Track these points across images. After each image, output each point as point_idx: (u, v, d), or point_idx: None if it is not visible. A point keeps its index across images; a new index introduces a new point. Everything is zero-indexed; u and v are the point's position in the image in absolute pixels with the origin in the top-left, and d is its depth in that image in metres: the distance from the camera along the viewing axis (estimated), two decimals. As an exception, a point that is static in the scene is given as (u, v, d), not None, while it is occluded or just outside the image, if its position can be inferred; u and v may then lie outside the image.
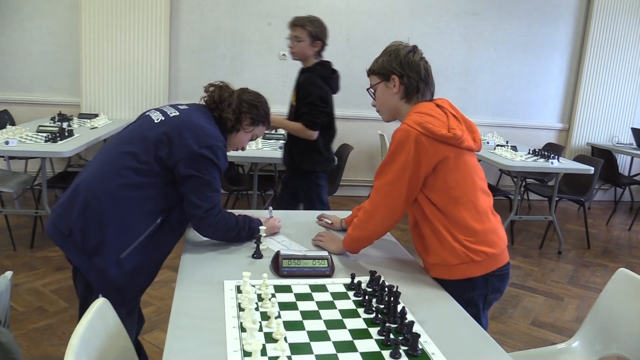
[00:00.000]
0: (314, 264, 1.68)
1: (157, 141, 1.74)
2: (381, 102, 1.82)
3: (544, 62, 6.29)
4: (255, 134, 2.04)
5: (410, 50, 1.76)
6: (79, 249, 1.69)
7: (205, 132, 1.76)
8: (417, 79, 1.74)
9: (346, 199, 5.91)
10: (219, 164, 1.77)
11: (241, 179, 4.65)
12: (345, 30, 5.75)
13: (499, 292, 1.74)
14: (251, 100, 1.97)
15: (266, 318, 1.36)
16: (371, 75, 1.83)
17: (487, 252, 1.65)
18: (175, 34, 5.43)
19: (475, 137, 1.75)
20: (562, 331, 3.21)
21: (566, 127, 6.55)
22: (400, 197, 1.67)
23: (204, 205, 1.75)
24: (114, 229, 1.69)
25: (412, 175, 1.64)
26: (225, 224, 1.81)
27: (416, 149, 1.62)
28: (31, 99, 5.30)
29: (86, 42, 5.15)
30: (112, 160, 1.77)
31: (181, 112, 1.83)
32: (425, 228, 1.72)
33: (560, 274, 4.16)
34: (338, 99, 3.45)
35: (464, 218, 1.65)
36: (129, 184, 1.71)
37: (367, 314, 1.44)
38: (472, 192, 1.68)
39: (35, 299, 3.12)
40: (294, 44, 3.18)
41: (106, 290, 1.70)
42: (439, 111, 1.71)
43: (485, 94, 6.23)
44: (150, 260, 1.79)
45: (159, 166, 1.73)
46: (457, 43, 6.02)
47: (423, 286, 1.67)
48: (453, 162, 1.65)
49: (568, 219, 5.76)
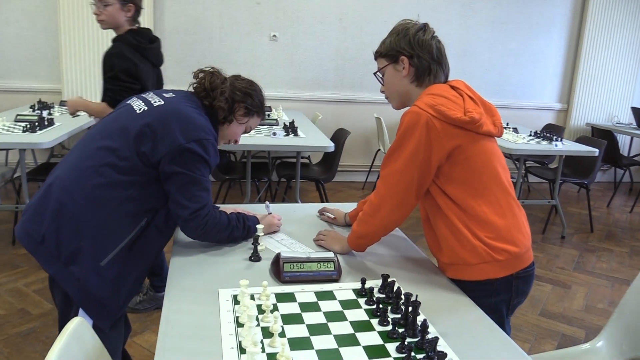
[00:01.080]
0: (319, 268, 1.50)
1: (139, 134, 1.54)
2: (390, 86, 1.64)
3: (542, 40, 6.11)
4: (249, 126, 1.85)
5: (420, 29, 1.58)
6: (53, 257, 1.50)
7: (193, 124, 1.57)
8: (429, 59, 1.56)
9: (343, 184, 5.74)
10: (209, 160, 1.58)
11: (234, 167, 4.45)
12: (338, 9, 5.52)
13: (524, 295, 1.58)
14: (245, 88, 1.78)
15: (268, 335, 1.19)
16: (378, 58, 1.65)
17: (510, 250, 1.48)
18: (160, 16, 5.17)
19: (496, 120, 1.58)
20: (572, 321, 3.08)
21: (565, 107, 6.40)
22: (410, 188, 1.50)
23: (191, 206, 1.56)
24: (92, 234, 1.50)
25: (423, 163, 1.47)
26: (216, 225, 1.62)
27: (427, 134, 1.44)
28: (8, 86, 5.03)
29: (65, 25, 4.88)
30: (89, 156, 1.57)
31: (166, 101, 1.63)
32: (440, 223, 1.54)
33: (566, 259, 4.04)
34: (331, 81, 3.24)
35: (484, 212, 1.48)
36: (108, 183, 1.52)
37: (382, 325, 1.27)
38: (494, 183, 1.51)
39: (17, 301, 2.93)
40: (100, 10, 2.64)
41: (86, 302, 1.52)
42: (453, 93, 1.53)
43: (483, 74, 6.05)
44: (134, 266, 1.60)
45: (141, 163, 1.54)
46: (454, 22, 5.81)
47: (440, 290, 1.50)
48: (470, 149, 1.48)
49: (569, 202, 5.63)
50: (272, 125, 4.22)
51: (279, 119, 4.55)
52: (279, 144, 3.68)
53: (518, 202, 1.58)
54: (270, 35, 5.44)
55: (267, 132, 3.89)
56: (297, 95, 5.62)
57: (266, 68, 5.51)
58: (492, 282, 1.50)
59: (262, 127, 4.12)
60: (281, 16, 5.42)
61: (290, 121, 4.09)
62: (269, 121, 4.32)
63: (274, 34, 5.44)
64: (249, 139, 3.68)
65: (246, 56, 5.44)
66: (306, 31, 5.51)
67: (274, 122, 4.30)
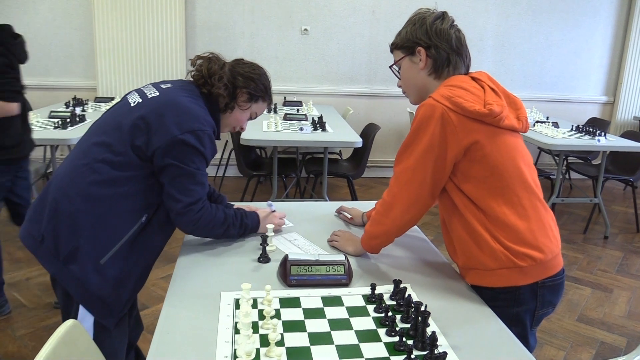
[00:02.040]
0: (328, 271, 1.42)
1: (132, 127, 1.49)
2: (406, 80, 1.54)
3: (586, 30, 5.80)
4: (255, 112, 1.75)
5: (438, 17, 1.47)
6: (53, 256, 1.48)
7: (189, 114, 1.50)
8: (448, 49, 1.44)
9: (374, 180, 5.63)
10: (204, 152, 1.51)
11: (262, 163, 4.42)
12: (371, 1, 5.40)
13: (551, 305, 1.45)
14: (247, 72, 1.68)
15: (267, 343, 1.12)
16: (394, 50, 1.55)
17: (534, 256, 1.36)
18: (191, 12, 5.18)
19: (520, 114, 1.46)
20: (613, 328, 2.90)
21: (611, 100, 6.07)
22: (424, 186, 1.39)
23: (183, 200, 1.51)
24: (89, 232, 1.46)
25: (438, 160, 1.36)
26: (210, 221, 1.57)
27: (442, 128, 1.34)
28: (46, 83, 5.15)
29: (100, 23, 4.95)
30: (84, 153, 1.53)
31: (162, 92, 1.57)
32: (456, 223, 1.44)
33: (608, 261, 3.81)
34: (363, 76, 3.15)
35: (505, 213, 1.36)
36: (103, 180, 1.48)
37: (390, 336, 1.18)
38: (517, 182, 1.39)
39: (45, 294, 2.98)
40: None
41: (87, 301, 1.49)
42: (473, 84, 1.42)
43: (522, 66, 5.80)
44: (136, 264, 1.56)
45: (137, 157, 1.49)
46: (492, 12, 5.59)
47: (457, 298, 1.40)
48: (490, 145, 1.36)
49: (613, 200, 5.35)
50: (301, 120, 4.16)
51: (308, 114, 4.49)
52: (305, 140, 3.62)
53: (545, 203, 1.45)
54: (302, 29, 5.37)
55: (294, 128, 3.83)
56: (329, 89, 5.54)
57: (297, 62, 5.45)
58: (514, 291, 1.39)
59: (289, 122, 4.07)
60: (312, 9, 5.35)
61: (318, 116, 4.02)
62: (297, 116, 4.26)
63: (305, 28, 5.37)
64: (276, 134, 3.64)
65: (277, 50, 5.39)
66: (338, 24, 5.42)
67: (302, 117, 4.23)
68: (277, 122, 3.89)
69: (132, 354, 1.87)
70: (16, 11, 4.99)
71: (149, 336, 1.17)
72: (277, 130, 3.74)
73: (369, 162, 4.65)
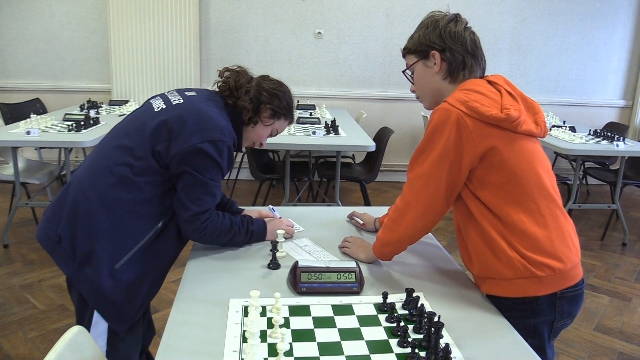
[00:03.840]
0: (339, 279, 1.39)
1: (154, 133, 1.49)
2: (420, 85, 1.50)
3: (604, 32, 5.71)
4: (276, 129, 1.77)
5: (451, 20, 1.43)
6: (69, 258, 1.48)
7: (210, 124, 1.50)
8: (463, 52, 1.41)
9: (387, 185, 5.59)
10: (221, 163, 1.50)
11: (275, 167, 4.40)
12: (385, 4, 5.37)
13: (570, 317, 1.40)
14: (272, 89, 1.69)
15: (275, 353, 1.09)
16: (407, 54, 1.51)
17: (553, 266, 1.32)
18: (205, 15, 5.19)
19: (538, 119, 1.41)
20: (632, 338, 2.82)
21: (629, 105, 5.97)
22: (438, 192, 1.36)
23: (192, 208, 1.50)
24: (105, 235, 1.46)
25: (453, 166, 1.32)
26: (215, 230, 1.56)
27: (458, 133, 1.30)
28: (61, 86, 5.20)
29: (114, 26, 4.98)
30: (105, 155, 1.53)
31: (186, 100, 1.57)
32: (471, 231, 1.40)
33: (627, 269, 3.73)
34: (377, 79, 3.12)
35: (522, 221, 1.32)
36: (122, 183, 1.47)
37: (402, 347, 1.15)
38: (535, 189, 1.34)
39: (58, 297, 2.99)
40: None
41: (101, 305, 1.48)
42: (490, 88, 1.38)
43: (538, 70, 5.72)
44: (150, 270, 1.55)
45: (156, 162, 1.49)
46: (508, 14, 5.53)
47: (472, 308, 1.36)
48: (507, 151, 1.32)
49: (633, 206, 5.24)
50: (314, 124, 4.14)
51: (321, 118, 4.46)
52: (318, 143, 3.59)
53: (565, 211, 1.41)
54: (315, 32, 5.36)
55: (307, 131, 3.81)
56: (342, 93, 5.51)
57: (311, 66, 5.44)
58: (532, 301, 1.34)
59: (302, 126, 4.05)
60: (326, 12, 5.33)
61: (331, 120, 3.99)
62: (310, 120, 4.23)
63: (319, 31, 5.36)
64: (288, 137, 3.61)
65: (291, 54, 5.38)
66: (352, 27, 5.39)
67: (315, 121, 4.21)
68: (290, 126, 3.87)
69: (144, 357, 1.86)
70: (32, 14, 5.05)
71: (159, 340, 1.15)
72: (289, 134, 3.72)
73: (382, 166, 4.61)
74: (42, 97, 5.01)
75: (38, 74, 5.19)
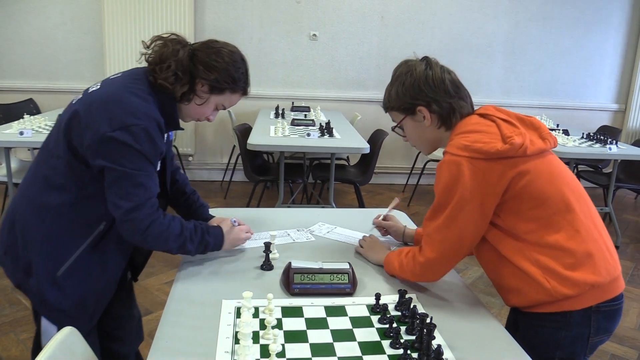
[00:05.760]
0: (332, 280, 1.39)
1: (67, 127, 1.36)
2: (415, 138, 1.49)
3: (597, 37, 5.75)
4: (221, 103, 1.52)
5: (425, 67, 1.40)
6: (16, 268, 1.42)
7: (124, 108, 1.32)
8: (448, 99, 1.39)
9: (383, 187, 5.59)
10: (140, 149, 1.32)
11: (269, 168, 4.40)
12: (380, 7, 5.38)
13: (607, 332, 1.34)
14: (210, 61, 1.43)
15: (267, 354, 1.09)
16: (390, 111, 1.49)
17: (589, 281, 1.26)
18: (200, 17, 5.19)
19: (543, 133, 1.37)
20: (624, 341, 2.84)
21: (622, 108, 6.01)
22: (462, 243, 1.34)
23: (123, 205, 1.33)
24: (39, 245, 1.38)
25: (475, 211, 1.29)
26: (161, 233, 1.39)
27: (473, 180, 1.27)
28: (55, 87, 5.17)
29: (109, 27, 4.97)
30: (35, 160, 1.46)
31: (103, 84, 1.41)
32: (505, 274, 1.35)
33: (619, 272, 3.75)
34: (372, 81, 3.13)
35: (557, 241, 1.28)
36: (48, 187, 1.37)
37: (394, 348, 1.15)
38: (561, 206, 1.30)
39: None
40: None
41: (48, 314, 1.42)
42: (485, 122, 1.36)
43: (532, 73, 5.75)
44: (99, 275, 1.46)
45: (75, 159, 1.35)
46: (502, 18, 5.55)
47: (466, 311, 1.36)
48: (525, 178, 1.28)
49: (624, 209, 5.27)
50: (308, 125, 4.14)
51: (316, 120, 4.47)
52: (313, 145, 3.60)
53: (598, 224, 1.35)
54: (310, 34, 5.36)
55: (301, 133, 3.81)
56: (337, 95, 5.52)
57: (305, 68, 5.44)
58: (565, 314, 1.29)
59: (297, 128, 4.05)
60: (321, 15, 5.34)
61: (326, 122, 3.99)
62: (305, 121, 4.24)
63: (314, 33, 5.36)
64: (283, 139, 3.61)
65: (285, 56, 5.38)
66: (347, 30, 5.40)
67: (310, 123, 4.21)
68: (285, 127, 3.87)
69: (133, 358, 1.84)
70: (26, 15, 5.03)
71: (151, 341, 1.15)
72: (284, 136, 3.72)
73: (377, 169, 4.61)
74: (36, 98, 5.00)
75: (32, 75, 5.16)
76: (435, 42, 5.48)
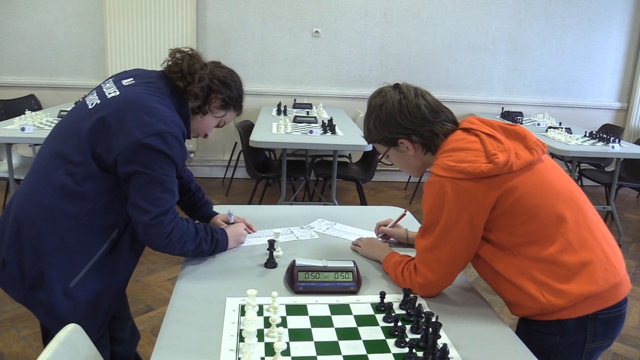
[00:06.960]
0: (336, 278, 1.39)
1: (91, 134, 1.34)
2: (402, 166, 1.50)
3: (600, 35, 5.73)
4: (224, 120, 1.61)
5: (399, 97, 1.38)
6: (17, 282, 1.36)
7: (154, 115, 1.34)
8: (429, 125, 1.37)
9: (385, 184, 5.58)
10: (173, 156, 1.35)
11: (271, 165, 4.39)
12: (382, 3, 5.36)
13: (607, 339, 1.32)
14: (224, 77, 1.53)
15: (272, 352, 1.08)
16: (372, 143, 1.49)
17: (585, 292, 1.24)
18: (202, 12, 5.17)
19: (528, 143, 1.33)
20: (626, 339, 2.83)
21: (625, 107, 5.99)
22: (456, 261, 1.33)
23: (152, 210, 1.34)
24: (55, 254, 1.34)
25: (464, 229, 1.28)
26: (182, 234, 1.41)
27: (458, 200, 1.26)
28: (57, 83, 5.16)
29: (110, 22, 4.96)
30: (43, 166, 1.40)
31: (122, 91, 1.41)
32: (502, 290, 1.36)
33: (621, 270, 3.74)
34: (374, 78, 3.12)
35: (551, 254, 1.26)
36: (65, 194, 1.34)
37: (399, 347, 1.14)
38: (553, 218, 1.27)
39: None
40: None
41: (57, 328, 1.39)
42: (469, 138, 1.34)
43: (535, 71, 5.74)
44: (110, 283, 1.45)
45: (98, 167, 1.35)
46: (505, 16, 5.53)
47: (471, 309, 1.35)
48: (513, 193, 1.27)
49: (627, 208, 5.26)
50: (311, 122, 4.13)
51: (318, 117, 4.46)
52: (315, 142, 3.58)
53: (595, 229, 1.31)
54: (313, 31, 5.35)
55: (304, 130, 3.80)
56: (340, 92, 5.51)
57: (308, 64, 5.42)
58: (559, 321, 1.28)
59: (299, 125, 4.04)
60: (324, 11, 5.32)
61: (328, 119, 3.98)
62: (307, 118, 4.23)
63: (317, 30, 5.35)
64: (285, 136, 3.61)
65: (288, 52, 5.37)
66: (349, 27, 5.39)
67: (312, 120, 4.20)
68: (287, 124, 3.86)
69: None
70: (27, 10, 5.01)
71: (155, 339, 1.14)
72: (286, 133, 3.71)
73: (379, 166, 4.61)
74: (37, 94, 4.98)
75: (33, 70, 5.15)
76: (438, 40, 5.46)
